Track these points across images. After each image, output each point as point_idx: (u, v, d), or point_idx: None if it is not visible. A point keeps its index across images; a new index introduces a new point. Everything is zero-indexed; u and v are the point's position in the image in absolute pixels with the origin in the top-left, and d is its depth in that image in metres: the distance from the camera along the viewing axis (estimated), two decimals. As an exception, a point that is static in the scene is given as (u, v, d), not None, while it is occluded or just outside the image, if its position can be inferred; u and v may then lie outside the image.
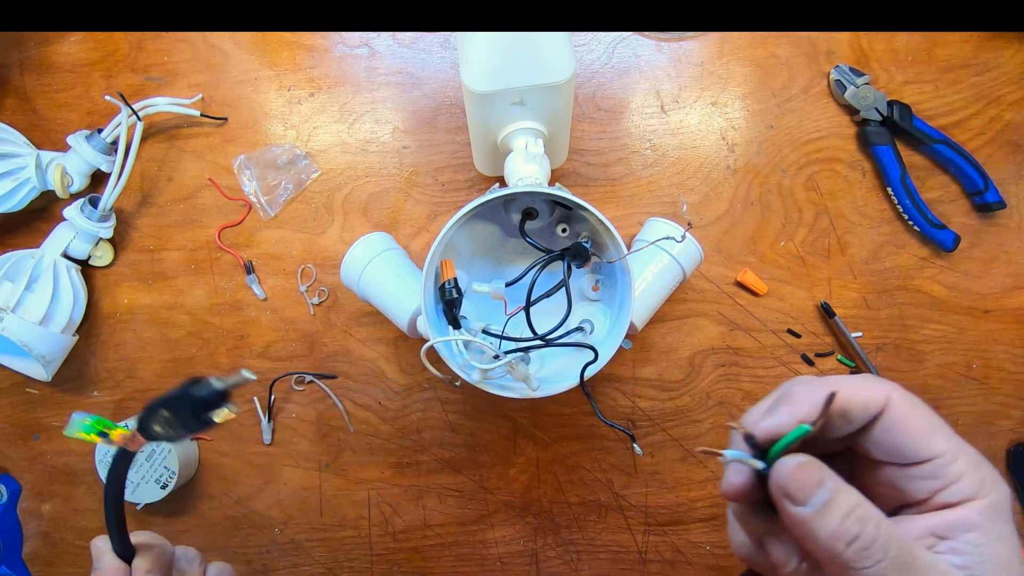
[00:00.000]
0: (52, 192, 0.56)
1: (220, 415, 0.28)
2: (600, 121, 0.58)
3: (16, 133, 0.56)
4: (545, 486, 0.59)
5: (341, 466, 0.60)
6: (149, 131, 0.59)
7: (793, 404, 0.23)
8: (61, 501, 0.62)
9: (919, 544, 0.22)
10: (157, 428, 0.28)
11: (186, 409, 0.28)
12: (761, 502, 0.24)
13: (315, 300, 0.59)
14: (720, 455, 0.23)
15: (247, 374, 0.28)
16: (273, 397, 0.59)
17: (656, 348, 0.58)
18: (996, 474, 0.23)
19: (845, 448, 0.26)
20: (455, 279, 0.44)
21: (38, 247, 0.57)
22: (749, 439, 0.23)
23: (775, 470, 0.23)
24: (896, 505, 0.24)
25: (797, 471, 0.22)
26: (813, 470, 0.22)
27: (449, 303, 0.44)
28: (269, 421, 0.59)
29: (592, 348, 0.43)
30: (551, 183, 0.50)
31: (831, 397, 0.22)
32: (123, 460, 0.29)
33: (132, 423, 0.29)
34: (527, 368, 0.42)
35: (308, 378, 0.59)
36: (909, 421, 0.23)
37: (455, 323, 0.44)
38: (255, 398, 0.60)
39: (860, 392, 0.23)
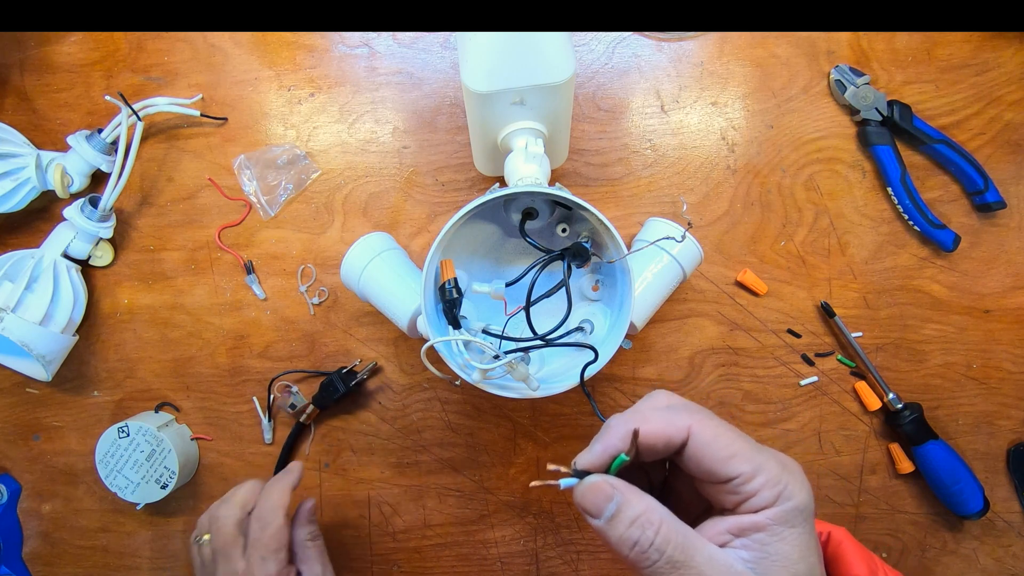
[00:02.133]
0: (52, 192, 0.56)
1: None
2: (600, 121, 0.58)
3: (16, 133, 0.56)
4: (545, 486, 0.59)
5: (341, 466, 0.60)
6: (149, 131, 0.59)
7: (606, 439, 0.28)
8: (61, 501, 0.62)
9: (712, 541, 0.26)
10: None
11: None
12: None
13: (315, 300, 0.59)
14: (557, 484, 0.27)
15: None
16: (273, 397, 0.59)
17: (656, 348, 0.58)
18: (798, 487, 0.26)
19: None
20: (455, 279, 0.44)
21: (38, 247, 0.57)
22: (578, 473, 0.28)
23: (575, 490, 0.27)
24: (720, 508, 0.28)
25: (589, 490, 0.26)
26: (603, 487, 0.26)
27: (449, 303, 0.44)
28: (269, 421, 0.59)
29: (592, 348, 0.43)
30: (551, 183, 0.50)
31: (636, 433, 0.27)
32: None
33: None
34: (527, 368, 0.42)
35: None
36: (708, 450, 0.27)
37: (455, 323, 0.44)
38: (255, 398, 0.60)
39: (662, 428, 0.27)
